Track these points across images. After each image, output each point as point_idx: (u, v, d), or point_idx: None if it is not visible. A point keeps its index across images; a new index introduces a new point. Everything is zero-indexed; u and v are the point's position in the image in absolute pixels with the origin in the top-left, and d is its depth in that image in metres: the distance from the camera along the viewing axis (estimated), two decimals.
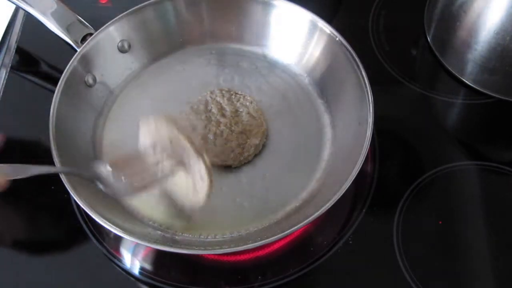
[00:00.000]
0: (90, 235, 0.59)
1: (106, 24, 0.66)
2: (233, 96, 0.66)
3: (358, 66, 0.61)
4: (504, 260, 0.57)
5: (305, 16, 0.67)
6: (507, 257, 0.57)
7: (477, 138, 0.67)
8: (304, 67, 0.69)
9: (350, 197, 0.61)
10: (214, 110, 0.65)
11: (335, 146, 0.63)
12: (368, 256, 0.57)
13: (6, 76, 0.73)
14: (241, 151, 0.62)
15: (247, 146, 0.62)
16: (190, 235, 0.57)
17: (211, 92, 0.66)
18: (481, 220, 0.59)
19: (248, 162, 0.63)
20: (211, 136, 0.63)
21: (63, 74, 0.62)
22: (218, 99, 0.66)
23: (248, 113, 0.65)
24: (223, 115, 0.65)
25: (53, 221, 0.62)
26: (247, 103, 0.66)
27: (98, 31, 0.66)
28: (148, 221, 0.58)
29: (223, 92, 0.66)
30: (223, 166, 0.62)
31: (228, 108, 0.65)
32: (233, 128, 0.64)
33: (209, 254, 0.58)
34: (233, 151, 0.62)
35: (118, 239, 0.59)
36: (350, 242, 0.58)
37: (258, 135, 0.63)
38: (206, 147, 0.62)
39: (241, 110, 0.65)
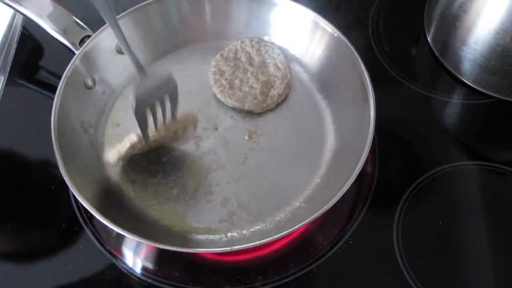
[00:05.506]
0: (91, 235, 0.59)
1: (104, 26, 0.66)
2: (262, 47, 0.69)
3: (358, 62, 0.62)
4: (504, 260, 0.57)
5: (307, 15, 0.67)
6: (507, 257, 0.57)
7: (477, 138, 0.67)
8: (305, 64, 0.69)
9: (351, 197, 0.61)
10: (243, 59, 0.68)
11: (337, 143, 0.63)
12: (368, 256, 0.57)
13: (5, 81, 0.73)
14: (264, 98, 0.65)
15: (271, 94, 0.65)
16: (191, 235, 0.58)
17: (242, 42, 0.70)
18: (481, 220, 0.59)
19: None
20: (237, 82, 0.66)
21: (62, 77, 0.62)
22: (247, 48, 0.69)
23: (275, 64, 0.68)
24: (251, 64, 0.68)
25: (53, 221, 0.62)
26: (275, 55, 0.69)
27: (96, 33, 0.66)
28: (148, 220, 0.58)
29: (253, 42, 0.69)
30: (245, 112, 0.65)
31: (256, 58, 0.68)
32: (259, 77, 0.67)
33: (210, 254, 0.58)
34: (256, 98, 0.65)
35: (119, 239, 0.59)
36: (350, 242, 0.58)
37: (282, 86, 0.66)
38: (231, 92, 0.66)
39: (268, 61, 0.68)
